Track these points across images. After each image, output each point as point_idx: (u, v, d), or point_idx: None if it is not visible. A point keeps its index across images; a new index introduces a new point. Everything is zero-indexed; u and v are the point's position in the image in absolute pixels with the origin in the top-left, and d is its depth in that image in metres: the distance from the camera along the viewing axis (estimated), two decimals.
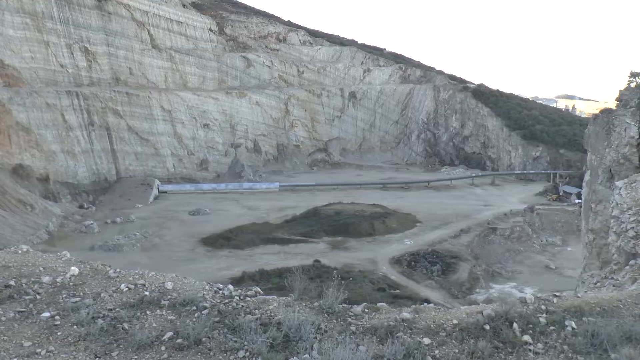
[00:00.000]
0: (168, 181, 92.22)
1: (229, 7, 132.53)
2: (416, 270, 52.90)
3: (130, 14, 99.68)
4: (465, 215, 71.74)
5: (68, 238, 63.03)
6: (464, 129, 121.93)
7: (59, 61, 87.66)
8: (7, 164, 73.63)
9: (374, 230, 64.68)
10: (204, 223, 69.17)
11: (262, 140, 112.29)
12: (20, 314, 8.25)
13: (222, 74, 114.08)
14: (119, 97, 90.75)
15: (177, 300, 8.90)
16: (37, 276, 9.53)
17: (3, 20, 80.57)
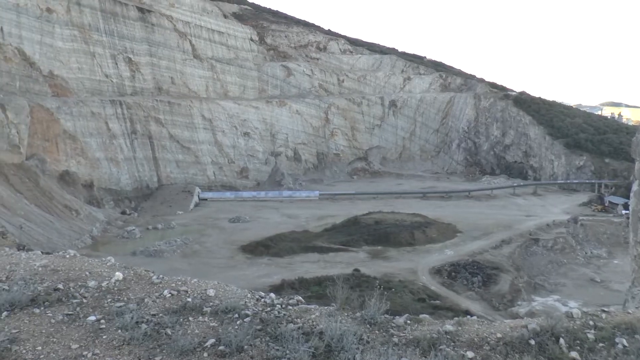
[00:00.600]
0: (208, 189, 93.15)
1: (269, 17, 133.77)
2: (456, 281, 52.14)
3: (172, 25, 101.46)
4: (506, 225, 70.54)
5: (111, 243, 64.19)
6: (505, 137, 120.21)
7: (104, 71, 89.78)
8: (55, 170, 75.62)
9: (414, 239, 64.09)
10: (244, 230, 69.58)
11: (302, 148, 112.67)
12: (68, 317, 8.39)
13: (262, 83, 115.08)
14: (161, 106, 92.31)
15: (220, 307, 8.93)
16: (83, 280, 9.69)
17: (53, 33, 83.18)
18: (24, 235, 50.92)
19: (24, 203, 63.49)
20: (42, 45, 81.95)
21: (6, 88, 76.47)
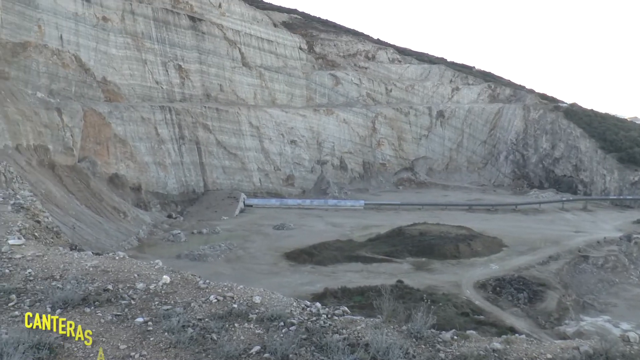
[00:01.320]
0: (254, 195, 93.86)
1: (319, 26, 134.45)
2: (501, 296, 51.05)
3: (222, 34, 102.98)
4: (554, 241, 68.84)
5: (156, 246, 65.21)
6: (554, 150, 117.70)
7: (155, 78, 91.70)
8: (105, 173, 77.53)
9: (458, 252, 63.10)
10: (288, 238, 69.78)
11: (348, 157, 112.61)
12: (117, 317, 8.51)
13: (310, 92, 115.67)
14: (209, 113, 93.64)
15: (265, 314, 8.93)
16: (132, 282, 9.82)
17: (108, 41, 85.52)
18: (75, 235, 52.20)
19: (75, 203, 65.14)
20: (97, 52, 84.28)
21: (63, 93, 78.88)
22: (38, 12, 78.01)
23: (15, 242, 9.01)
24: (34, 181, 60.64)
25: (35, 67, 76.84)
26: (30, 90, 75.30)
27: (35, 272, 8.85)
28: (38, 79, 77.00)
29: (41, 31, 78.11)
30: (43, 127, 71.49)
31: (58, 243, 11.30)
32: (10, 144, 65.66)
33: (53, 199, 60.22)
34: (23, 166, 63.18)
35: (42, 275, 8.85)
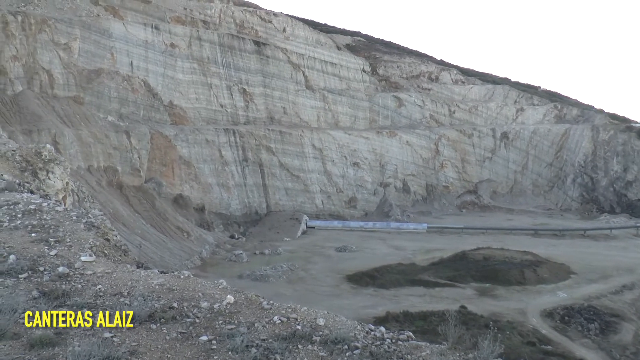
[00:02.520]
0: (316, 217, 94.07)
1: (382, 48, 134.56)
2: (570, 326, 49.05)
3: (287, 57, 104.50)
4: (628, 269, 65.76)
5: (219, 265, 66.12)
6: (626, 173, 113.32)
7: (220, 101, 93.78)
8: (170, 193, 79.58)
9: (524, 279, 61.18)
10: (350, 260, 69.48)
11: (411, 180, 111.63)
12: (182, 335, 8.58)
13: (373, 114, 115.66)
14: (273, 135, 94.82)
15: (329, 337, 8.81)
16: (196, 301, 9.89)
17: (175, 66, 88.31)
18: (141, 253, 53.51)
19: (141, 223, 67.01)
20: (165, 77, 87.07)
21: (131, 116, 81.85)
22: (111, 41, 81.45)
23: (87, 258, 9.25)
24: (103, 200, 62.78)
25: (107, 92, 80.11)
26: (102, 114, 78.48)
27: (105, 288, 9.06)
28: (109, 104, 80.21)
29: (113, 58, 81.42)
30: (112, 149, 74.21)
31: (126, 261, 11.54)
32: (83, 165, 68.49)
33: (120, 218, 62.12)
34: (94, 186, 65.58)
35: (111, 292, 9.05)
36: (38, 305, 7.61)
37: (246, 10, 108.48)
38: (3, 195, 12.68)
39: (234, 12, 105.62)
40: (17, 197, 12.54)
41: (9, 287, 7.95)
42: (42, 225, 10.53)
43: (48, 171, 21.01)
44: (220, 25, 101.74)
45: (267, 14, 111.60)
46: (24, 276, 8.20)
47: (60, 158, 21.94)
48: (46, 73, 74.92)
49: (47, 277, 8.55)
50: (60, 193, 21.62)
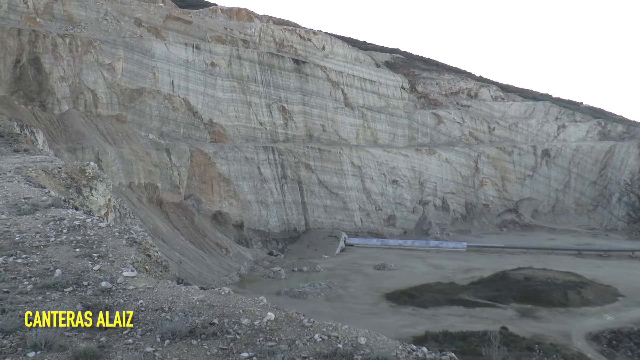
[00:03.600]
0: (355, 235, 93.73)
1: (421, 65, 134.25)
2: (619, 351, 47.23)
3: (326, 75, 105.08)
4: None
5: (257, 282, 66.30)
6: None
7: (259, 119, 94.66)
8: (209, 210, 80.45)
9: (567, 300, 59.55)
10: (389, 278, 68.91)
11: (450, 198, 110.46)
12: (222, 351, 8.56)
13: (412, 131, 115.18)
14: (312, 153, 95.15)
15: (371, 356, 8.67)
16: (237, 317, 9.87)
17: (215, 85, 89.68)
18: (180, 269, 54.03)
19: (180, 239, 67.80)
20: (205, 95, 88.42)
21: (172, 134, 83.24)
22: (153, 61, 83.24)
23: (129, 274, 9.34)
24: (144, 217, 63.78)
25: (149, 111, 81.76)
26: (143, 132, 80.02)
27: (146, 303, 9.12)
28: (150, 122, 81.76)
29: (155, 78, 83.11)
30: (153, 167, 75.51)
31: (166, 276, 11.61)
32: (124, 181, 69.84)
33: (160, 234, 62.95)
34: (134, 202, 66.72)
35: (152, 307, 9.10)
36: None
37: (286, 29, 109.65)
38: (50, 211, 12.93)
39: (274, 31, 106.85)
40: (63, 213, 12.77)
41: (55, 301, 8.08)
42: (86, 241, 10.70)
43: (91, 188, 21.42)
44: (260, 44, 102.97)
45: (307, 33, 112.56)
46: (68, 290, 8.33)
47: (103, 175, 22.38)
48: (91, 93, 76.90)
49: (91, 292, 8.66)
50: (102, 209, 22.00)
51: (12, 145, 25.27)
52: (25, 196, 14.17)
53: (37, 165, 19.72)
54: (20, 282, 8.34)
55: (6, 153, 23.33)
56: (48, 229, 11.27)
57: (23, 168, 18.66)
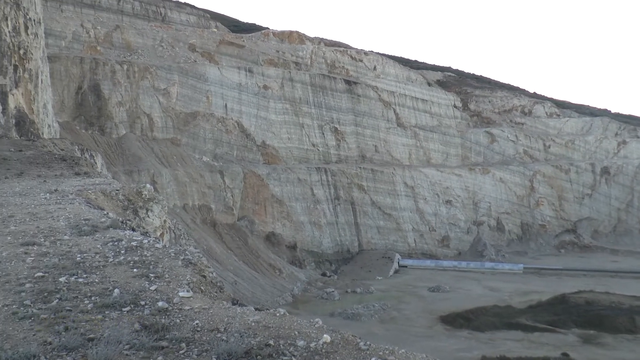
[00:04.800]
0: (408, 256, 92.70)
1: (473, 83, 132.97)
2: None
3: (377, 95, 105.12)
4: None
5: (310, 303, 66.13)
6: None
7: (311, 141, 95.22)
8: (262, 231, 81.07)
9: (635, 326, 56.72)
10: (444, 301, 67.71)
11: (505, 218, 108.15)
12: None
13: (465, 150, 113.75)
14: (364, 173, 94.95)
15: None
16: (292, 339, 9.76)
17: (268, 107, 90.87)
18: (234, 290, 54.39)
19: (233, 259, 68.47)
20: (258, 118, 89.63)
21: (225, 157, 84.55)
22: (207, 85, 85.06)
23: (184, 294, 9.37)
24: (198, 237, 64.69)
25: (203, 133, 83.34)
26: (197, 154, 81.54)
27: (202, 323, 9.12)
28: (204, 145, 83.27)
29: (209, 101, 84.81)
30: (207, 188, 76.74)
31: (221, 297, 11.61)
32: (179, 203, 71.19)
33: (214, 255, 63.70)
34: (189, 224, 67.82)
35: (208, 327, 9.10)
36: (140, 338, 7.76)
37: (337, 50, 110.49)
38: (108, 232, 13.18)
39: (325, 53, 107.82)
40: (121, 234, 13.00)
41: (113, 320, 8.17)
42: (142, 261, 10.83)
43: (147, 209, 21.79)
44: (312, 66, 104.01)
45: (358, 53, 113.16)
46: (126, 309, 8.42)
47: (158, 197, 22.78)
48: (147, 117, 78.97)
49: (148, 311, 8.73)
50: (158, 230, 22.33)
51: (73, 169, 26.02)
52: (86, 218, 14.49)
53: (97, 188, 20.21)
54: (82, 301, 8.50)
55: (68, 176, 24.03)
56: (107, 249, 11.47)
57: (83, 190, 19.15)
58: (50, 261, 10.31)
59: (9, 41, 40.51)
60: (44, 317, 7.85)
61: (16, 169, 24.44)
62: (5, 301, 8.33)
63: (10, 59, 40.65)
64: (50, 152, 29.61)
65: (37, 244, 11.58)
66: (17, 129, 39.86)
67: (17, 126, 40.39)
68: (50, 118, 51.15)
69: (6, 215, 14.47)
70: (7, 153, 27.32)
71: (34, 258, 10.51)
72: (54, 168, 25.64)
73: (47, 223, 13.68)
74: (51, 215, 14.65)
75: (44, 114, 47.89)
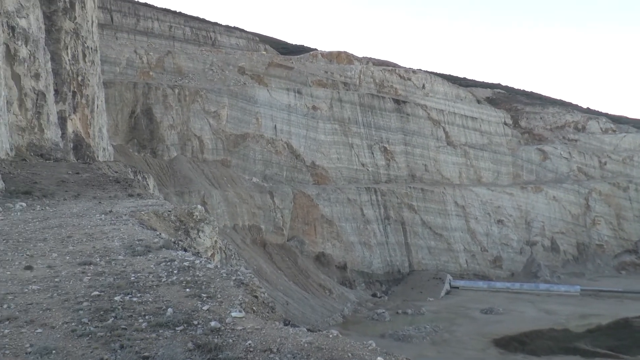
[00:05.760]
0: (460, 277, 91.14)
1: (523, 99, 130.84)
2: None
3: (426, 114, 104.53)
4: None
5: (360, 323, 65.60)
6: None
7: (361, 161, 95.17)
8: (312, 251, 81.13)
9: None
10: (497, 323, 66.11)
11: (560, 238, 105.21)
12: None
13: (516, 168, 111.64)
14: (414, 193, 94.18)
15: None
16: None
17: (317, 128, 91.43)
18: (285, 310, 54.39)
19: (284, 279, 68.64)
20: (307, 139, 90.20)
21: (275, 177, 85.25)
22: (256, 107, 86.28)
23: (237, 314, 9.38)
24: (248, 258, 65.16)
25: (252, 155, 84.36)
26: (247, 175, 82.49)
27: (255, 343, 9.08)
28: (254, 166, 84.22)
29: (258, 123, 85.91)
30: (257, 209, 77.39)
31: (273, 317, 11.57)
32: (229, 223, 72.00)
33: (264, 275, 63.98)
34: (239, 244, 68.43)
35: (260, 347, 9.05)
36: (193, 357, 7.78)
37: (385, 69, 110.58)
38: (161, 253, 13.36)
39: (374, 72, 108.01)
40: (173, 255, 13.15)
41: (167, 339, 8.22)
42: (195, 282, 10.91)
43: (199, 230, 22.01)
44: (360, 86, 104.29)
45: (406, 72, 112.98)
46: (180, 329, 8.47)
47: (209, 218, 23.02)
48: (197, 139, 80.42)
49: (201, 331, 8.75)
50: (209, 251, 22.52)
51: (126, 190, 26.61)
52: (139, 238, 14.72)
53: (149, 209, 20.56)
54: (136, 320, 8.61)
55: (122, 197, 24.56)
56: (160, 269, 11.61)
57: (136, 211, 19.50)
58: (105, 280, 10.49)
59: (68, 69, 41.99)
60: (101, 335, 7.98)
61: (73, 190, 25.13)
62: (64, 318, 8.51)
63: (69, 85, 42.11)
64: (105, 174, 30.38)
65: (93, 263, 11.82)
66: (74, 152, 41.12)
67: (75, 149, 41.68)
68: (105, 141, 52.63)
69: (65, 236, 14.86)
70: (66, 176, 28.14)
71: (90, 277, 10.72)
72: (109, 190, 26.28)
73: (102, 243, 13.96)
74: (106, 235, 14.96)
75: (99, 138, 49.32)
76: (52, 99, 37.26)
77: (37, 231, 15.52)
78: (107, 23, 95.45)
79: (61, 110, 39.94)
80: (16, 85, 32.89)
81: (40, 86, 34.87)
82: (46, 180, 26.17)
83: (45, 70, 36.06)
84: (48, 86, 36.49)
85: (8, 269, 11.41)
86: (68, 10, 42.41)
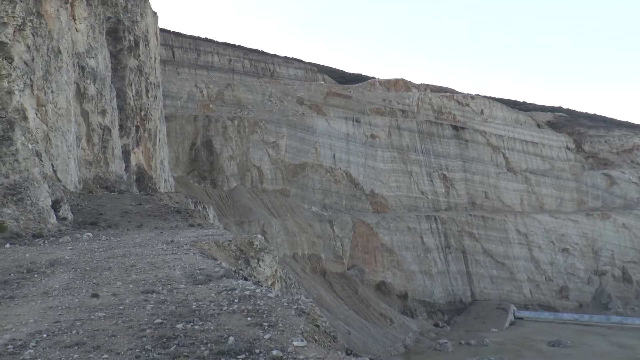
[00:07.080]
0: (524, 307, 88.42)
1: (586, 122, 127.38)
2: None
3: (486, 140, 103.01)
4: None
5: (423, 354, 64.17)
6: None
7: (420, 188, 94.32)
8: (372, 280, 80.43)
9: None
10: (565, 357, 63.44)
11: (632, 268, 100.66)
12: None
13: (581, 194, 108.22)
14: (475, 221, 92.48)
15: None
16: None
17: (375, 156, 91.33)
18: (347, 340, 53.82)
19: (344, 308, 68.03)
20: (366, 167, 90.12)
21: (334, 206, 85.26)
22: (315, 136, 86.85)
23: (299, 343, 9.27)
24: (308, 286, 64.96)
25: (311, 184, 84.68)
26: (306, 204, 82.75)
27: None
28: (313, 195, 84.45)
29: (317, 152, 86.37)
30: (316, 238, 77.40)
31: (335, 347, 11.38)
32: (289, 252, 72.20)
33: (324, 304, 63.57)
34: (298, 272, 68.40)
35: None
36: None
37: (443, 96, 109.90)
38: (222, 282, 13.44)
39: (432, 99, 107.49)
40: (234, 284, 13.19)
41: None
42: (256, 310, 10.87)
43: (259, 259, 22.09)
44: (419, 113, 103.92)
45: (464, 98, 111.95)
46: (242, 357, 8.43)
47: (269, 247, 23.11)
48: (256, 169, 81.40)
49: (263, 359, 8.67)
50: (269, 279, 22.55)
51: (187, 220, 27.04)
52: (200, 267, 14.85)
53: (210, 239, 20.80)
54: (198, 348, 8.64)
55: (183, 227, 24.95)
56: (221, 298, 11.63)
57: (197, 241, 19.74)
58: (168, 308, 10.57)
59: (132, 104, 43.43)
60: None
61: (136, 221, 25.71)
62: (129, 345, 8.61)
63: (133, 120, 43.50)
64: (167, 205, 30.99)
65: (156, 292, 11.95)
66: (137, 184, 42.26)
67: (138, 181, 42.84)
68: (167, 173, 53.92)
69: (129, 265, 15.14)
70: (129, 207, 28.86)
71: (153, 305, 10.83)
72: (170, 220, 26.76)
73: (164, 272, 14.14)
74: (168, 264, 15.15)
75: (161, 170, 50.57)
76: (117, 133, 38.55)
77: (102, 260, 15.89)
78: (169, 59, 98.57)
79: (125, 144, 41.23)
80: (85, 122, 34.20)
81: (106, 122, 36.14)
82: (111, 212, 26.90)
83: (111, 107, 37.40)
84: (113, 121, 37.80)
85: (76, 297, 11.69)
86: (133, 48, 44.05)
